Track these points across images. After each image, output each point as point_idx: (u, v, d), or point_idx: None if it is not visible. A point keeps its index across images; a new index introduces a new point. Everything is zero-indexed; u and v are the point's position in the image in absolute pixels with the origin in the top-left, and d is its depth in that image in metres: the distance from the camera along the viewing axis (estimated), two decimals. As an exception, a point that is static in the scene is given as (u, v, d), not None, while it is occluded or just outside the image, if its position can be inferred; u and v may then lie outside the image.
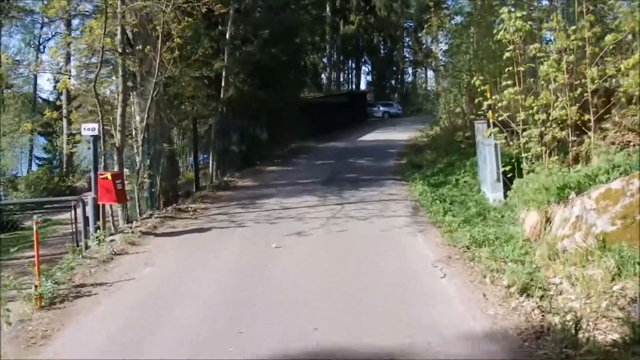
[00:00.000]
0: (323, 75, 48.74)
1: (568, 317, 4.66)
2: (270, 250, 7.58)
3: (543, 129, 8.60)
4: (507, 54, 9.49)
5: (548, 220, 7.32)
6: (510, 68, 9.51)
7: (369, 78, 59.98)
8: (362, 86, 58.15)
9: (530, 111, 8.91)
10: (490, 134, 9.36)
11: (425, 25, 28.00)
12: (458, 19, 20.99)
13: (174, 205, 11.05)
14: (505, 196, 9.69)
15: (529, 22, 9.26)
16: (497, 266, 6.42)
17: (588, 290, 5.17)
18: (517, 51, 9.55)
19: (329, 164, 17.98)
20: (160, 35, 9.89)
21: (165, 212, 10.48)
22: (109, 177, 8.43)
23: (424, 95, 61.45)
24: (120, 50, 9.67)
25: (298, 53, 22.09)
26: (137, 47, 10.76)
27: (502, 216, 8.77)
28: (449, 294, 5.70)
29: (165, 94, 12.30)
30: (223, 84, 17.12)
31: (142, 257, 7.54)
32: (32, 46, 34.87)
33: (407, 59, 59.58)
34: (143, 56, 10.81)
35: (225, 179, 15.01)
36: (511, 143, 9.23)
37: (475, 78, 9.86)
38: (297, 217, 9.73)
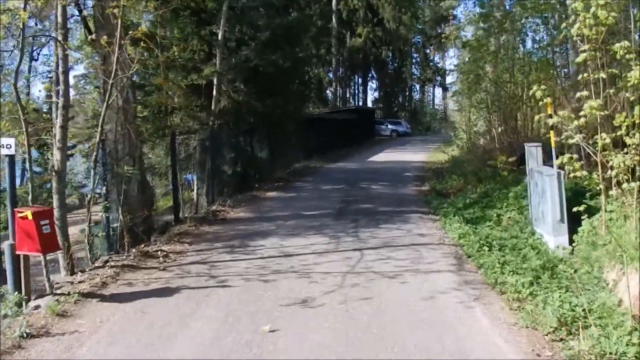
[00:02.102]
0: (328, 91, 46.77)
1: None
2: (259, 337, 4.96)
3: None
4: (581, 57, 7.43)
5: (667, 291, 5.15)
6: (585, 75, 7.49)
7: (376, 94, 58.27)
8: (369, 103, 56.56)
9: (619, 132, 6.80)
10: (561, 162, 7.14)
11: (442, 36, 26.05)
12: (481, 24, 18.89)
13: (141, 247, 8.44)
14: (571, 242, 7.58)
15: (612, 14, 7.08)
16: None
17: None
18: (596, 52, 7.40)
19: (339, 190, 15.43)
20: (119, 19, 7.36)
21: (126, 257, 7.87)
22: (29, 217, 5.63)
23: (432, 113, 60.17)
24: (60, 37, 7.14)
25: (301, 62, 19.70)
26: (91, 37, 8.28)
27: (575, 271, 6.51)
28: None
29: (135, 101, 9.84)
30: (215, 92, 14.54)
31: (65, 344, 4.91)
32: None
33: (415, 76, 58.07)
34: (107, 53, 8.38)
35: (214, 208, 12.40)
36: (595, 176, 6.96)
37: (535, 88, 7.65)
38: (302, 272, 7.11)
